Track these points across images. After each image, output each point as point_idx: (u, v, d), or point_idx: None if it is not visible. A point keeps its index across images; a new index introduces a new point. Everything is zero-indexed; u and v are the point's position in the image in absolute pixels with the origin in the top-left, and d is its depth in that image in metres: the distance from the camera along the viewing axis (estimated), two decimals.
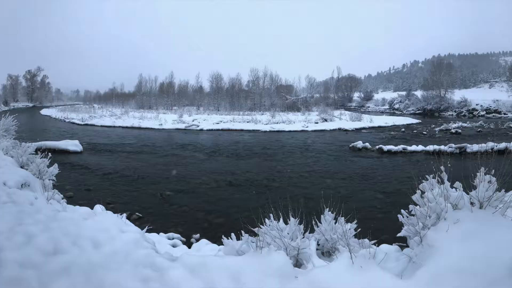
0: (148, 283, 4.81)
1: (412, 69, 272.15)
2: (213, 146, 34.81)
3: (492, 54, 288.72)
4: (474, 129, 50.13)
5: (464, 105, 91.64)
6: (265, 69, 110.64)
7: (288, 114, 73.30)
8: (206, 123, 56.17)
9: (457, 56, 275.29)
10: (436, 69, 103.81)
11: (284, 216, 7.30)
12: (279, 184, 19.23)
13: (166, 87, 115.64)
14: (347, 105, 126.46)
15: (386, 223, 12.50)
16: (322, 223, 7.57)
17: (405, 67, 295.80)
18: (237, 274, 4.92)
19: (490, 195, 5.58)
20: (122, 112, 76.11)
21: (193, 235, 12.32)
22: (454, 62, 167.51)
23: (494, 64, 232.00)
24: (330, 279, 4.84)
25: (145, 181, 19.96)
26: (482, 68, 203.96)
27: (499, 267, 4.39)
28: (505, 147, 26.20)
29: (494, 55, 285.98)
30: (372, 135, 43.17)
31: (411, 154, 28.57)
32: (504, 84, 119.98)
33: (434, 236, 5.31)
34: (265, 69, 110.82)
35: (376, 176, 20.96)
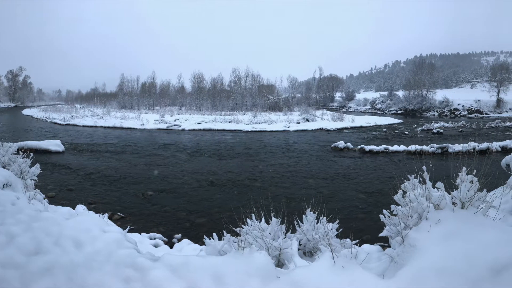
0: (130, 283, 4.78)
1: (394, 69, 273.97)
2: (195, 146, 34.79)
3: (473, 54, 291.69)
4: (456, 129, 50.82)
5: (446, 105, 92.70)
6: (247, 69, 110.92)
7: (270, 114, 73.44)
8: (188, 123, 56.15)
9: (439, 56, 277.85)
10: (418, 69, 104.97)
11: (266, 216, 7.30)
12: (261, 184, 19.28)
13: (148, 87, 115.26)
14: (329, 105, 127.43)
15: (368, 223, 12.66)
16: (304, 223, 7.57)
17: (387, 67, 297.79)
18: (219, 274, 4.89)
19: (472, 195, 5.59)
20: (104, 112, 75.61)
21: (175, 235, 12.31)
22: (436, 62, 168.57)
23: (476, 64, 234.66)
24: (312, 279, 4.84)
25: (127, 181, 19.88)
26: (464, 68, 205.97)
27: (481, 267, 4.41)
28: (487, 147, 26.53)
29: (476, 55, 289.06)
30: (354, 135, 43.49)
31: (393, 154, 28.78)
32: (486, 84, 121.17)
33: (416, 236, 5.30)
34: (247, 69, 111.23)
35: (358, 176, 21.06)
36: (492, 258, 4.47)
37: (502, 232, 5.11)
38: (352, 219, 13.11)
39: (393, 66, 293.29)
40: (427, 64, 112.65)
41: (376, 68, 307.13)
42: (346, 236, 7.13)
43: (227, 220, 7.13)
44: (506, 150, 27.14)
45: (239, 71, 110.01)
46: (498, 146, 28.64)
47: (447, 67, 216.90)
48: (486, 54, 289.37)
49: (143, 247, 9.02)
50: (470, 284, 4.29)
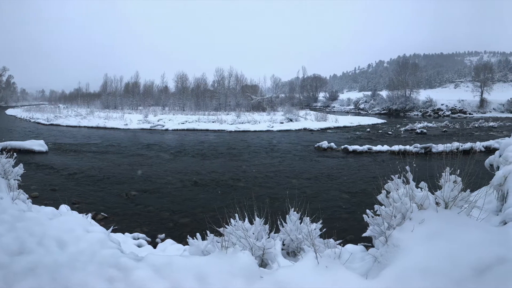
0: (113, 283, 4.76)
1: (377, 69, 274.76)
2: (179, 146, 34.72)
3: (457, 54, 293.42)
4: (440, 129, 51.20)
5: (429, 105, 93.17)
6: (230, 69, 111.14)
7: (254, 114, 73.64)
8: (171, 123, 56.14)
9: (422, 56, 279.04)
10: (402, 69, 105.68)
11: (250, 216, 7.32)
12: (244, 184, 19.28)
13: (132, 87, 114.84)
14: (312, 105, 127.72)
15: (352, 223, 12.70)
16: (288, 223, 7.57)
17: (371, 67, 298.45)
18: (203, 274, 4.88)
19: (455, 195, 5.61)
20: (88, 112, 75.39)
21: (159, 235, 12.32)
22: (420, 62, 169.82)
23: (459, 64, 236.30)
24: (296, 279, 4.84)
25: (111, 181, 19.83)
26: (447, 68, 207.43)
27: (465, 267, 4.42)
28: (471, 147, 26.67)
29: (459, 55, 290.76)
30: (338, 135, 43.66)
31: (376, 154, 28.91)
32: (470, 84, 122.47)
33: (400, 236, 5.30)
34: (231, 69, 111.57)
35: (342, 176, 21.13)
36: (476, 258, 4.49)
37: (485, 232, 5.14)
38: (336, 219, 13.17)
39: (376, 66, 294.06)
40: (411, 64, 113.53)
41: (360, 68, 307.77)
42: (330, 236, 7.15)
43: (211, 220, 7.18)
44: (489, 150, 27.32)
45: (222, 71, 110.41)
46: (482, 146, 28.88)
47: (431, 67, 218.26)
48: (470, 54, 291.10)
49: (127, 247, 8.99)
50: (453, 284, 4.31)
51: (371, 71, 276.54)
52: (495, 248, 4.61)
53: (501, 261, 4.38)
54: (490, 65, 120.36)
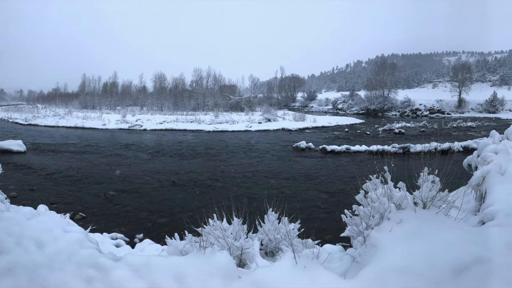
0: (91, 283, 4.72)
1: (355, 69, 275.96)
2: (157, 146, 34.64)
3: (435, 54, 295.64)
4: (418, 129, 51.58)
5: (407, 105, 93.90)
6: (208, 69, 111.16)
7: (232, 114, 73.51)
8: (149, 123, 55.90)
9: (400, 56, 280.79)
10: (380, 69, 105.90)
11: (228, 216, 7.29)
12: (222, 184, 19.29)
13: (110, 87, 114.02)
14: (290, 105, 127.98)
15: (330, 223, 12.74)
16: (266, 223, 7.56)
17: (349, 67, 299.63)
18: (181, 274, 4.86)
19: (433, 195, 5.65)
20: (66, 112, 74.78)
21: (137, 235, 12.33)
22: (398, 62, 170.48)
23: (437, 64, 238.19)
24: (274, 279, 4.84)
25: (89, 181, 19.75)
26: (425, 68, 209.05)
27: (443, 267, 4.44)
28: (449, 147, 26.92)
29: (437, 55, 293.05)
30: (316, 135, 43.77)
31: (354, 154, 29.03)
32: (448, 84, 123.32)
33: (378, 236, 5.31)
34: (209, 69, 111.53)
35: (320, 176, 21.20)
36: (454, 258, 4.51)
37: (463, 232, 5.19)
38: (314, 219, 13.20)
39: (354, 66, 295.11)
40: (389, 64, 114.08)
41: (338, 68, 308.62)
42: (308, 236, 7.13)
43: (189, 220, 7.17)
44: (467, 150, 27.58)
45: (200, 71, 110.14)
46: (460, 146, 29.14)
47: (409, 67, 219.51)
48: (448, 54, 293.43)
49: (105, 247, 8.96)
50: (431, 284, 4.32)
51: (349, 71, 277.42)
52: (473, 248, 4.64)
53: (479, 261, 4.40)
54: (468, 65, 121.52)
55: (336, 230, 7.38)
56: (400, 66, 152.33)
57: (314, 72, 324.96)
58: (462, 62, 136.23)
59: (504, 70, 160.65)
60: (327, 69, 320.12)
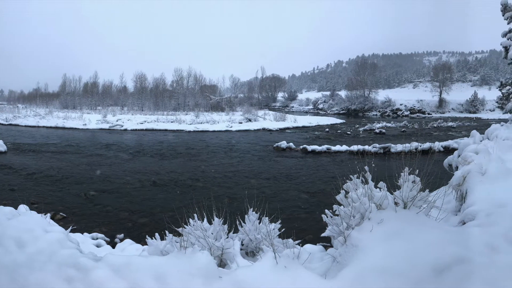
0: (72, 283, 4.69)
1: (336, 69, 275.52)
2: (137, 146, 34.50)
3: (416, 54, 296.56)
4: (398, 129, 51.93)
5: (388, 105, 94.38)
6: (189, 69, 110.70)
7: (212, 114, 73.32)
8: (130, 123, 55.57)
9: (381, 56, 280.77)
10: (360, 69, 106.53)
11: (208, 216, 7.25)
12: (203, 184, 19.26)
13: (90, 87, 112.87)
14: (271, 105, 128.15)
15: (310, 223, 12.75)
16: (246, 223, 7.55)
17: (329, 67, 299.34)
18: (162, 274, 4.83)
19: (414, 195, 5.67)
20: (46, 112, 73.97)
21: (117, 235, 12.26)
22: (378, 62, 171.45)
23: (418, 64, 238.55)
24: (254, 279, 4.82)
25: (69, 181, 19.59)
26: (406, 68, 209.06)
27: (423, 267, 4.45)
28: (429, 147, 27.16)
29: (418, 55, 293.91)
30: (297, 135, 43.84)
31: (335, 154, 29.10)
32: (428, 84, 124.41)
33: (358, 236, 5.30)
34: (189, 69, 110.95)
35: (300, 176, 21.24)
36: (434, 258, 4.54)
37: (444, 232, 5.22)
38: (295, 219, 13.21)
39: (335, 66, 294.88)
40: (369, 64, 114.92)
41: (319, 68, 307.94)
42: (289, 236, 7.12)
43: (170, 220, 7.12)
44: (448, 150, 27.72)
45: (181, 71, 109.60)
46: (441, 146, 29.34)
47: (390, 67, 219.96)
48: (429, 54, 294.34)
49: (85, 247, 8.88)
50: (412, 284, 4.34)
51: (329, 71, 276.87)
52: (454, 248, 4.67)
53: (460, 261, 4.44)
54: (449, 65, 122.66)
55: (317, 230, 7.37)
56: (380, 66, 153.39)
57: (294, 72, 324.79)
58: (442, 62, 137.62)
59: (484, 70, 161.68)
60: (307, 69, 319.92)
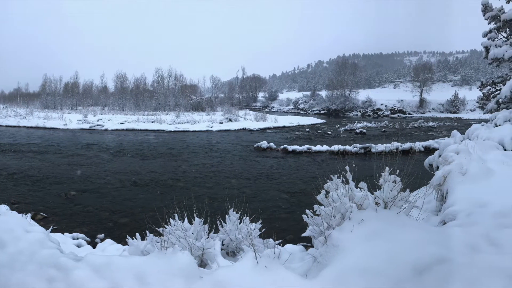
0: (53, 283, 4.68)
1: (317, 69, 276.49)
2: (118, 146, 34.47)
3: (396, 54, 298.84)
4: (379, 129, 52.40)
5: (369, 105, 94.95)
6: (169, 69, 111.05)
7: (193, 114, 73.48)
8: (111, 123, 55.63)
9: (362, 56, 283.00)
10: (341, 69, 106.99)
11: (189, 216, 7.24)
12: (184, 184, 19.28)
13: (71, 87, 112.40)
14: (252, 105, 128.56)
15: (291, 223, 12.79)
16: (227, 223, 7.55)
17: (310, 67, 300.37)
18: (142, 274, 4.83)
19: (394, 195, 5.69)
20: (27, 112, 73.38)
21: (98, 235, 12.29)
22: (359, 62, 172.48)
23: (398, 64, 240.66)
24: (235, 279, 4.82)
25: (50, 181, 19.56)
26: (387, 68, 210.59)
27: (404, 267, 4.47)
28: (410, 147, 27.24)
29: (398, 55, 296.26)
30: (277, 135, 44.07)
31: (316, 154, 29.22)
32: (409, 84, 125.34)
33: (339, 236, 5.30)
34: (170, 69, 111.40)
35: (281, 176, 21.33)
36: (415, 258, 4.55)
37: (424, 232, 5.24)
38: (275, 219, 13.24)
39: (316, 66, 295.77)
40: (350, 64, 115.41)
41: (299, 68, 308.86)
42: (269, 236, 7.13)
43: (150, 220, 7.13)
44: (429, 150, 27.93)
45: (162, 71, 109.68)
46: (421, 146, 29.58)
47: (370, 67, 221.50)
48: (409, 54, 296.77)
49: (66, 247, 8.88)
50: (392, 284, 4.34)
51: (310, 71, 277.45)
52: (434, 248, 4.70)
53: (440, 261, 4.46)
54: (430, 65, 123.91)
55: (298, 230, 7.38)
56: (361, 66, 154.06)
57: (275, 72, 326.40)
58: (423, 62, 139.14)
59: (465, 70, 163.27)
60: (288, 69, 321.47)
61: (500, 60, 16.17)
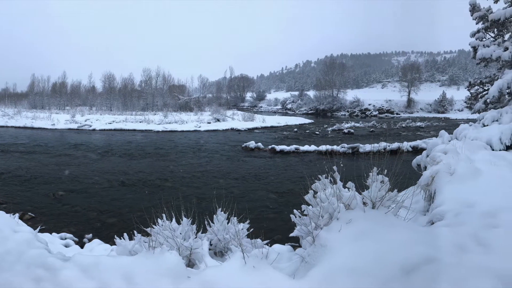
0: (40, 283, 4.67)
1: (304, 69, 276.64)
2: (106, 146, 34.39)
3: (384, 54, 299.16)
4: (367, 129, 52.50)
5: (356, 105, 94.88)
6: (157, 69, 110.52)
7: (181, 114, 73.45)
8: (98, 123, 55.56)
9: (349, 56, 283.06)
10: (329, 69, 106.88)
11: (177, 216, 7.24)
12: (172, 184, 19.31)
13: (59, 87, 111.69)
14: (239, 105, 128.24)
15: (279, 223, 12.80)
16: (215, 223, 7.55)
17: (298, 67, 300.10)
18: (130, 274, 4.83)
19: (382, 195, 5.72)
20: (15, 112, 72.79)
21: (86, 235, 12.29)
22: (347, 62, 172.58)
23: (386, 64, 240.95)
24: (223, 279, 4.82)
25: (38, 181, 19.54)
26: (375, 68, 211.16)
27: (392, 267, 4.48)
28: (398, 147, 27.39)
29: (386, 55, 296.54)
30: (265, 135, 44.14)
31: (304, 154, 29.27)
32: (397, 84, 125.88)
33: (327, 236, 5.31)
34: (158, 69, 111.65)
35: (269, 176, 21.38)
36: (402, 258, 4.57)
37: (412, 232, 5.27)
38: (263, 219, 13.25)
39: (304, 66, 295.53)
40: (338, 64, 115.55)
41: (287, 68, 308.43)
42: (257, 236, 7.15)
43: (138, 220, 7.09)
44: (417, 150, 28.04)
45: (150, 71, 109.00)
46: (409, 146, 29.73)
47: (358, 67, 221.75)
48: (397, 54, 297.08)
49: (54, 247, 8.86)
50: (380, 284, 4.35)
51: (298, 71, 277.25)
52: (422, 248, 4.72)
53: (428, 261, 4.48)
54: (417, 65, 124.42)
55: (285, 230, 7.36)
56: (349, 66, 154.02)
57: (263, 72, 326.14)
58: (411, 62, 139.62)
59: (453, 70, 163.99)
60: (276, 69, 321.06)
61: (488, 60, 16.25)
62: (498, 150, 10.44)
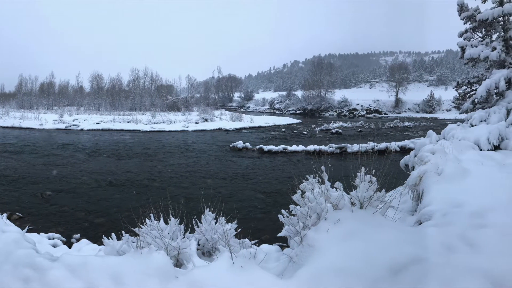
0: (28, 283, 4.66)
1: (292, 69, 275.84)
2: (94, 146, 34.35)
3: (372, 54, 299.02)
4: (355, 129, 52.67)
5: (344, 105, 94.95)
6: (145, 69, 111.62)
7: (169, 114, 73.29)
8: (86, 123, 55.43)
9: (337, 56, 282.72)
10: (317, 69, 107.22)
11: (165, 216, 7.24)
12: (159, 184, 19.31)
13: (47, 87, 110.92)
14: (227, 105, 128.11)
15: (267, 223, 12.82)
16: (203, 223, 7.56)
17: (286, 67, 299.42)
18: (118, 274, 4.82)
19: (370, 195, 5.74)
20: (3, 112, 72.35)
21: (74, 235, 12.32)
22: (335, 62, 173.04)
23: (374, 64, 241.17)
24: (211, 279, 4.82)
25: (26, 181, 19.51)
26: (362, 68, 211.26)
27: (380, 267, 4.50)
28: (386, 147, 27.55)
29: (374, 55, 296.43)
30: (253, 135, 44.23)
31: (291, 154, 29.37)
32: (385, 84, 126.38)
33: (315, 236, 5.33)
34: (146, 69, 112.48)
35: (257, 176, 21.43)
36: (390, 258, 4.59)
37: (400, 232, 5.29)
38: (251, 219, 13.35)
39: (291, 66, 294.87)
40: (326, 64, 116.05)
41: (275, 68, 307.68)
42: (245, 236, 7.18)
43: (126, 220, 7.10)
44: (404, 150, 28.26)
45: (137, 71, 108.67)
46: (397, 146, 29.93)
47: (346, 67, 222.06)
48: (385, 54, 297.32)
49: (42, 247, 8.87)
50: (369, 283, 4.37)
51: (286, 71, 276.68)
52: (410, 248, 4.75)
53: (416, 261, 4.50)
54: (405, 65, 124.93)
55: (273, 230, 7.37)
56: (337, 66, 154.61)
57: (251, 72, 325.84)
58: (399, 62, 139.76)
59: (441, 70, 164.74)
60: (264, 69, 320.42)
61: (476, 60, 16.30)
62: (486, 150, 10.50)
